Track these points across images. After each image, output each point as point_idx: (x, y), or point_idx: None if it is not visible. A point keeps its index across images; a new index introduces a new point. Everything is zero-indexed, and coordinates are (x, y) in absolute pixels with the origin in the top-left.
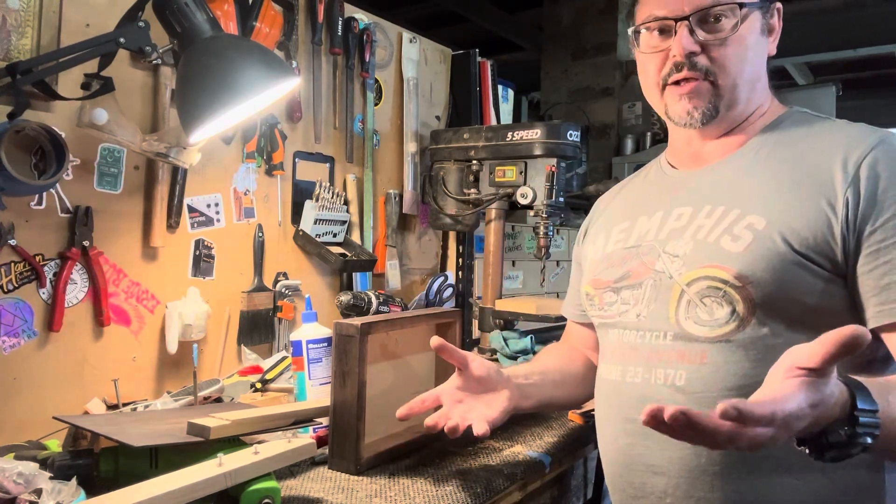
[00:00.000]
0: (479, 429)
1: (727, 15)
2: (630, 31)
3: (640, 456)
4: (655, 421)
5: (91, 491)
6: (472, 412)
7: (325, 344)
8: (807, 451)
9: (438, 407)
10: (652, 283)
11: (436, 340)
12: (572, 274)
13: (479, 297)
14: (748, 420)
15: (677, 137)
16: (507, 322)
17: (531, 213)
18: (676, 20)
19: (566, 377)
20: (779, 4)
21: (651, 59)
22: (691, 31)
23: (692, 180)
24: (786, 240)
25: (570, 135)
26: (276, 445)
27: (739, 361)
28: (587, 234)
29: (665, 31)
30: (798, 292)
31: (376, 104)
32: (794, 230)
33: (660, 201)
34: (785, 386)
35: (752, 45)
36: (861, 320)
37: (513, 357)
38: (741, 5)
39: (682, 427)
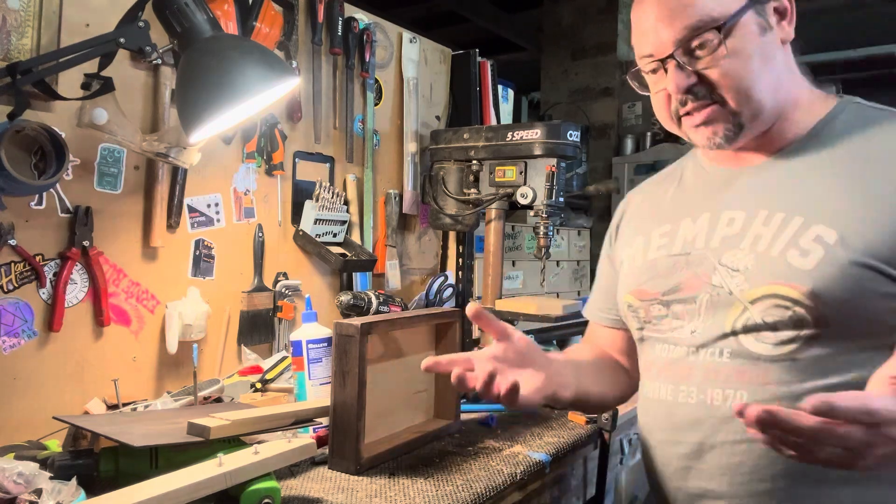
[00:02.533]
0: (505, 384)
1: (711, 38)
2: (632, 73)
3: (696, 480)
4: (741, 417)
5: (91, 491)
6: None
7: (325, 344)
8: None
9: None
10: (708, 298)
11: (472, 308)
12: (602, 273)
13: (479, 297)
14: (839, 414)
15: None
16: (507, 322)
17: (531, 213)
18: (663, 60)
19: (600, 375)
20: None
21: (657, 97)
22: (681, 66)
23: (738, 179)
24: (862, 256)
25: (570, 135)
26: (276, 445)
27: (803, 380)
28: (619, 232)
29: (658, 69)
30: (873, 311)
31: (376, 104)
32: (870, 245)
33: (704, 202)
34: (879, 390)
35: (753, 52)
36: None
37: None
38: (720, 26)
39: (766, 426)
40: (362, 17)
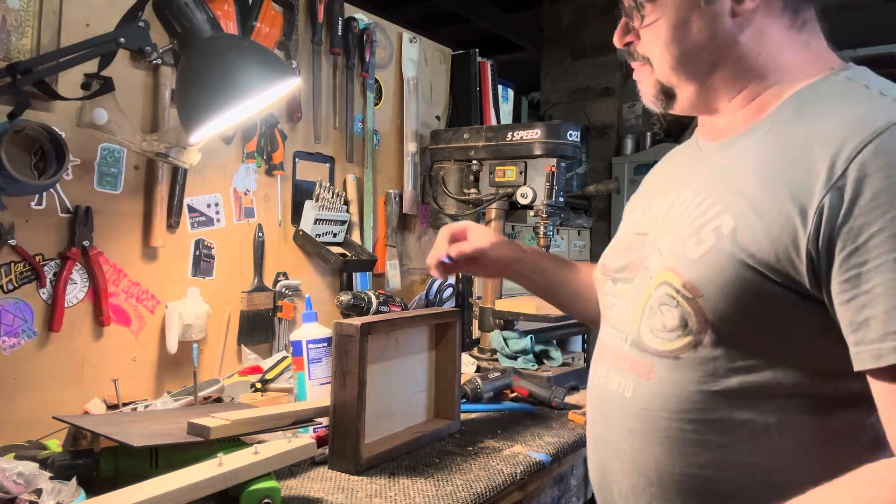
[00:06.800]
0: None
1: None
2: None
3: (608, 468)
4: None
5: (91, 491)
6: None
7: (325, 344)
8: None
9: None
10: (639, 281)
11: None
12: None
13: (479, 297)
14: None
15: None
16: (507, 322)
17: (531, 213)
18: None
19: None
20: None
21: None
22: (627, 23)
23: (710, 157)
24: (746, 252)
25: (570, 135)
26: (276, 445)
27: (685, 383)
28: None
29: None
30: (759, 316)
31: (376, 104)
32: (756, 240)
33: (677, 179)
34: None
35: (679, 21)
36: (845, 349)
37: (513, 357)
38: None
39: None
40: (362, 17)
